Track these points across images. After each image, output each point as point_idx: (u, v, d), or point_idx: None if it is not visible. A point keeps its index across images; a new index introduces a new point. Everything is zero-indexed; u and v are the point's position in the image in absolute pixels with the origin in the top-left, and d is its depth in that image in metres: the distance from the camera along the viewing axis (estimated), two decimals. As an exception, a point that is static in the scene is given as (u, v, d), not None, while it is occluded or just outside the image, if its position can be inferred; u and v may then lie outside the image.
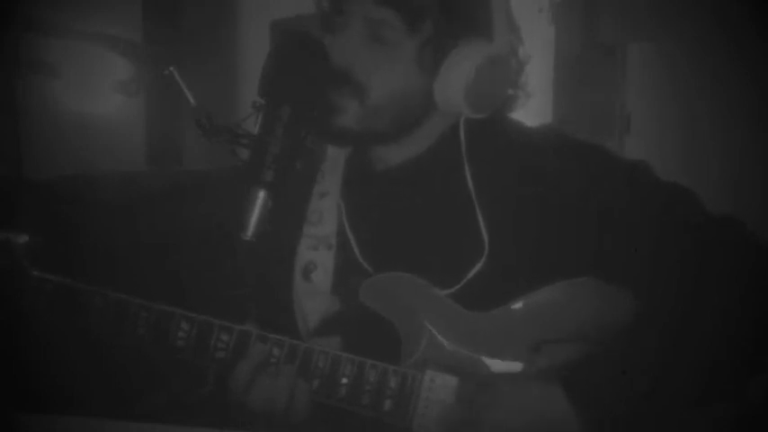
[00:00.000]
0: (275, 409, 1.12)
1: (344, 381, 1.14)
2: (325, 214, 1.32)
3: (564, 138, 1.27)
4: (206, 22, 3.38)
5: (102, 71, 1.30)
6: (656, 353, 1.10)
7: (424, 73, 1.20)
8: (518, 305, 1.19)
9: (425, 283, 1.19)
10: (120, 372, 1.95)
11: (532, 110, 1.35)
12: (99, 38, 1.27)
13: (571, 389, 1.10)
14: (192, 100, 1.20)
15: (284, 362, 1.13)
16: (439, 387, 1.14)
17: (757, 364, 1.12)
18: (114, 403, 2.00)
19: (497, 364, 1.17)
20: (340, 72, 1.17)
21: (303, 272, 1.29)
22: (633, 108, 3.25)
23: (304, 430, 1.17)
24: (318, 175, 1.36)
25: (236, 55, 3.48)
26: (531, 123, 1.31)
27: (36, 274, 1.16)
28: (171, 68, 1.23)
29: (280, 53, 1.15)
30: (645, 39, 3.20)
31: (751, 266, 1.14)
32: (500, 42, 1.20)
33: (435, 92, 1.20)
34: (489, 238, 1.19)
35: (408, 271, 1.20)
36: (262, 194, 1.10)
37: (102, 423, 1.18)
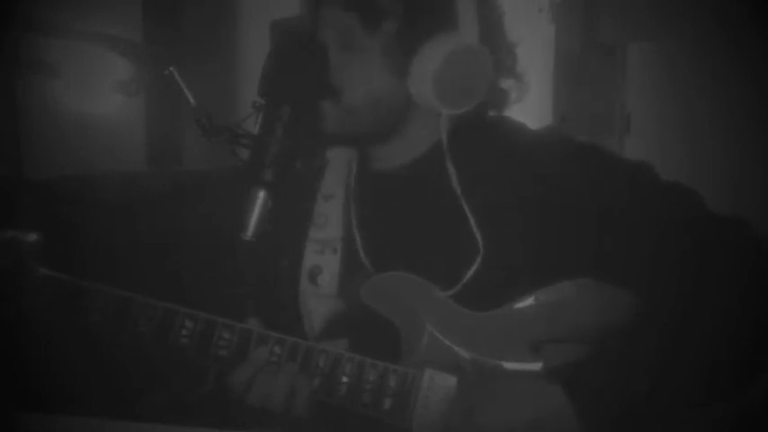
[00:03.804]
0: (274, 408, 1.12)
1: (345, 380, 1.14)
2: (331, 217, 1.32)
3: (564, 138, 1.27)
4: (206, 22, 3.38)
5: (102, 71, 1.31)
6: (656, 353, 1.10)
7: (395, 73, 1.20)
8: (518, 305, 1.19)
9: (426, 282, 1.20)
10: (120, 371, 1.95)
11: (533, 110, 1.35)
12: (99, 38, 1.27)
13: (571, 389, 1.10)
14: (192, 100, 1.20)
15: (286, 360, 1.14)
16: (438, 386, 1.14)
17: (757, 364, 1.12)
18: (114, 403, 2.00)
19: (497, 364, 1.17)
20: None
21: (309, 275, 1.30)
22: (633, 108, 3.26)
23: (304, 430, 1.17)
24: (321, 178, 1.37)
25: (236, 55, 3.48)
26: (532, 124, 1.31)
27: (42, 272, 1.16)
28: (171, 68, 1.23)
29: (280, 53, 1.15)
30: (645, 39, 3.21)
31: (751, 266, 1.13)
32: (467, 34, 1.18)
33: (410, 89, 1.20)
34: (483, 240, 1.19)
35: (409, 271, 1.20)
36: (262, 194, 1.11)
37: (102, 423, 1.18)
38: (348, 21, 1.19)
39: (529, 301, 1.19)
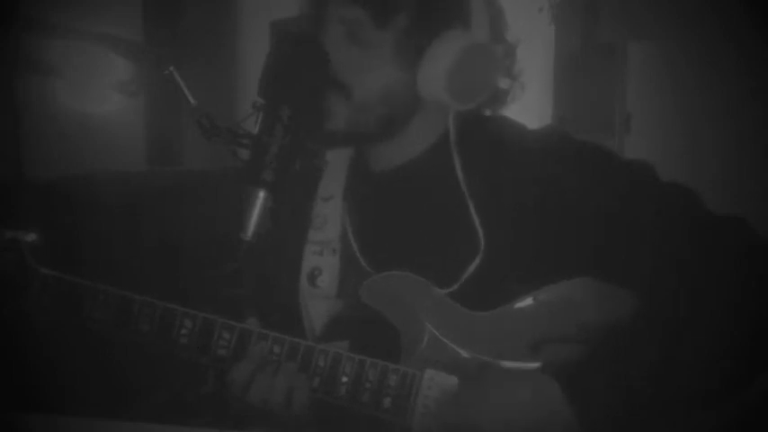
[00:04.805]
0: (274, 407, 1.12)
1: (345, 379, 1.14)
2: (330, 218, 1.32)
3: (565, 138, 1.27)
4: (206, 22, 3.38)
5: (102, 71, 1.31)
6: (655, 352, 1.10)
7: (405, 68, 1.20)
8: (518, 305, 1.19)
9: (425, 282, 1.20)
10: (120, 371, 1.95)
11: (532, 110, 1.35)
12: (100, 38, 1.27)
13: (571, 389, 1.10)
14: (191, 100, 1.20)
15: (285, 360, 1.14)
16: (438, 386, 1.14)
17: (759, 364, 1.12)
18: (114, 403, 2.00)
19: (497, 364, 1.17)
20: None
21: (309, 277, 1.30)
22: (633, 108, 3.26)
23: (304, 430, 1.17)
24: (320, 179, 1.36)
25: (236, 55, 3.48)
26: (532, 124, 1.31)
27: (43, 271, 1.17)
28: (171, 68, 1.23)
29: (279, 53, 1.15)
30: (645, 38, 3.21)
31: (751, 266, 1.13)
32: (478, 30, 1.21)
33: (419, 85, 1.20)
34: (485, 236, 1.19)
35: (410, 270, 1.20)
36: (262, 194, 1.11)
37: (103, 423, 1.18)
38: (353, 14, 1.18)
39: (529, 301, 1.19)
